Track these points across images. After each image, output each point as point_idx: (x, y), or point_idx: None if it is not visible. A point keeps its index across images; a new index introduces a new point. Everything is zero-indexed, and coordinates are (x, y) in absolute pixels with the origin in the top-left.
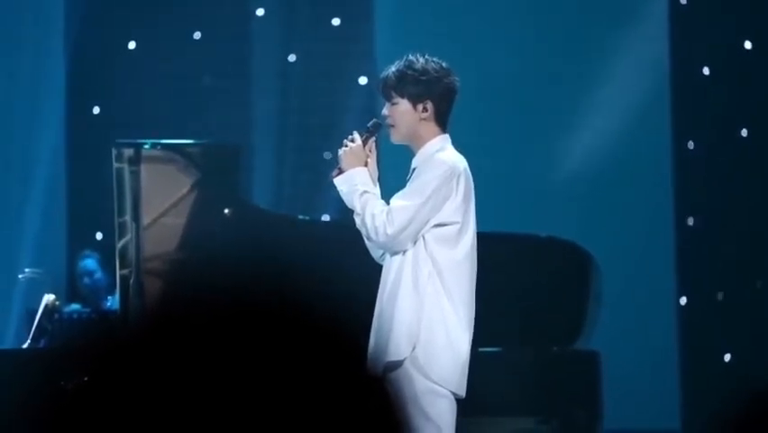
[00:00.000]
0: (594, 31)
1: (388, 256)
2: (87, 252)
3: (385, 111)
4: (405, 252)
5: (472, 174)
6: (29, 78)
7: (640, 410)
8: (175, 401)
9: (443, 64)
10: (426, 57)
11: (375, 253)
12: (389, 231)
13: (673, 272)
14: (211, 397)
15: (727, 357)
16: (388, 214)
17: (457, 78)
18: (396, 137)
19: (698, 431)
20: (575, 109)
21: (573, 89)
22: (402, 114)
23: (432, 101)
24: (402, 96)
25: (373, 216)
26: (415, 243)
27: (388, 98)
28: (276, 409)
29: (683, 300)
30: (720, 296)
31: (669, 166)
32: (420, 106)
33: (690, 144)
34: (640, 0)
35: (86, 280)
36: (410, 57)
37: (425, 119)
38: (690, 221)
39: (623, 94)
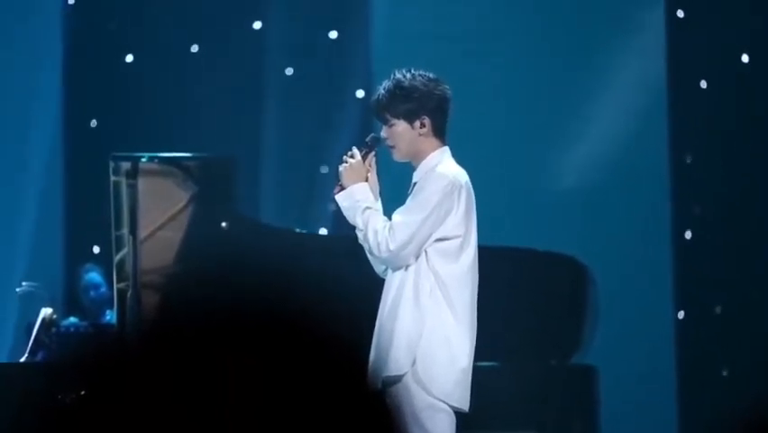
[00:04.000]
0: (591, 43)
1: (390, 271)
2: (90, 265)
3: (383, 133)
4: (407, 266)
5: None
6: (26, 91)
7: (637, 425)
8: (172, 413)
9: (431, 75)
10: (413, 72)
11: (378, 267)
12: (392, 247)
13: (671, 286)
14: (208, 409)
15: (725, 371)
16: (390, 230)
17: (447, 87)
18: (397, 156)
19: None
20: (572, 122)
21: (570, 102)
22: (401, 134)
23: (427, 116)
24: (397, 118)
25: (375, 231)
26: (417, 257)
27: (384, 121)
28: (276, 421)
29: (681, 314)
30: (718, 310)
31: (666, 179)
32: (417, 123)
33: (688, 158)
34: (637, 13)
35: (91, 293)
36: (397, 75)
37: (423, 134)
38: (688, 234)
39: (620, 107)
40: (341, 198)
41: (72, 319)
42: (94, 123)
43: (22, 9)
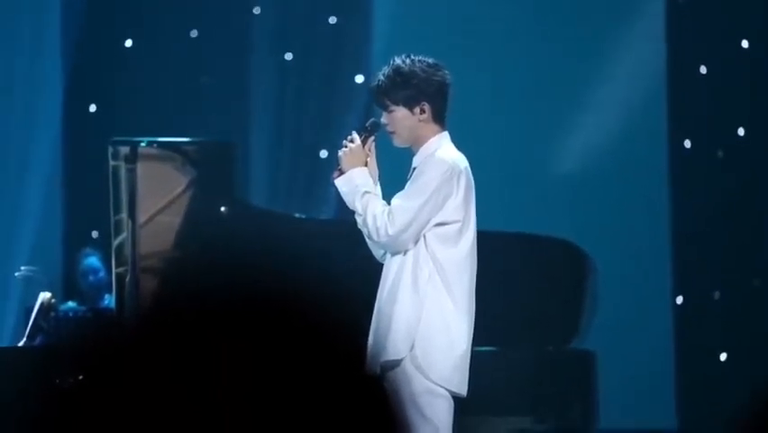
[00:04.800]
0: (591, 30)
1: (388, 255)
2: (89, 250)
3: (383, 119)
4: (406, 251)
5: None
6: (26, 76)
7: (636, 410)
8: (170, 399)
9: (430, 61)
10: (412, 57)
11: (377, 252)
12: (391, 231)
13: (670, 271)
14: (206, 395)
15: (723, 356)
16: (389, 214)
17: (447, 72)
18: (397, 142)
19: (694, 430)
20: (572, 108)
21: (570, 88)
22: (401, 120)
23: (427, 101)
24: (397, 104)
25: (374, 216)
26: (416, 242)
27: (384, 107)
28: (273, 407)
29: (680, 299)
30: (716, 295)
31: (665, 165)
32: (417, 109)
33: (687, 143)
34: None
35: (90, 278)
36: (396, 61)
37: (423, 120)
38: (687, 220)
39: (620, 93)
40: (340, 183)
41: (71, 304)
42: (93, 108)
43: None
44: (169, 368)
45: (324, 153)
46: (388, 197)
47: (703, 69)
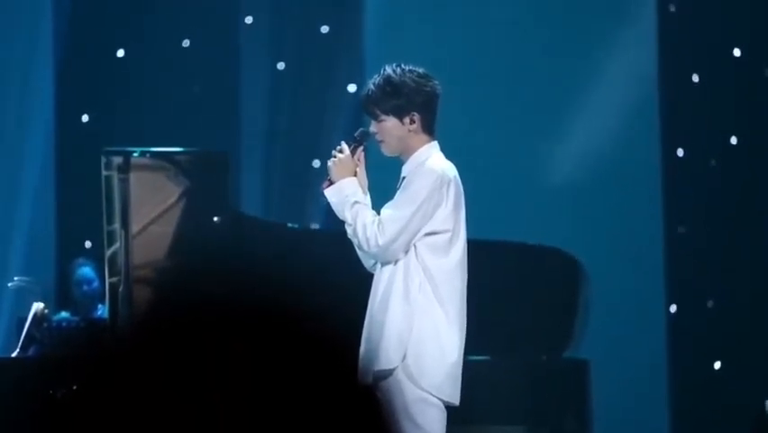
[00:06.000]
0: (583, 38)
1: (379, 265)
2: (82, 260)
3: (372, 128)
4: (396, 261)
5: (461, 181)
6: (18, 85)
7: (630, 418)
8: (163, 408)
9: (421, 71)
10: (402, 67)
11: (367, 262)
12: (381, 241)
13: (663, 280)
14: (199, 403)
15: (717, 365)
16: (379, 224)
17: (437, 82)
18: (387, 151)
19: None
20: (564, 116)
21: (562, 96)
22: (390, 129)
23: (417, 112)
24: (386, 113)
25: (364, 226)
26: (406, 252)
27: (373, 116)
28: (266, 416)
29: (673, 308)
30: (710, 303)
31: (658, 173)
32: (407, 119)
33: (680, 152)
34: (629, 7)
35: (84, 288)
36: (387, 70)
37: (413, 130)
38: (680, 228)
39: (612, 101)
40: (330, 193)
41: (64, 314)
42: (85, 117)
43: (13, 4)
44: (163, 377)
45: (316, 163)
46: (377, 206)
47: (695, 78)
